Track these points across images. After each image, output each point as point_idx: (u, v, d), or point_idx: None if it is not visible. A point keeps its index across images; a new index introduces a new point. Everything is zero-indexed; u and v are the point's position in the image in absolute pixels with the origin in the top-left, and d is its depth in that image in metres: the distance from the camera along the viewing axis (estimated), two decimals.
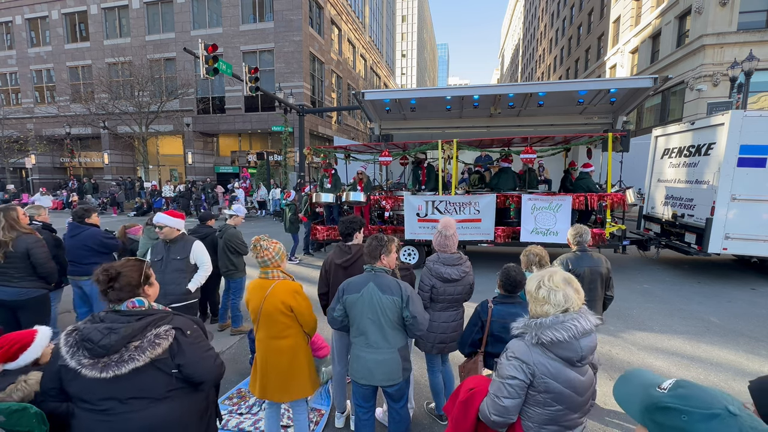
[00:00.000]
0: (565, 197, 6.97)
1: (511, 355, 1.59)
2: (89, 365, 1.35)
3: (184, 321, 1.58)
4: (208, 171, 25.77)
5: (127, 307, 1.51)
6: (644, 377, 1.03)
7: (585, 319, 1.54)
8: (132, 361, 1.37)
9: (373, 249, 2.37)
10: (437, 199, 7.28)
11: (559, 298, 1.55)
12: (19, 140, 24.59)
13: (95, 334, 1.37)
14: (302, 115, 15.66)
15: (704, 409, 0.83)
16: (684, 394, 0.88)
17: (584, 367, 1.58)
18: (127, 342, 1.39)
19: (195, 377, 1.52)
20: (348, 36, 30.51)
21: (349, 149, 9.85)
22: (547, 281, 1.59)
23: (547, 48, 44.79)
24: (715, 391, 0.87)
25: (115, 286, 1.51)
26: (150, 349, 1.40)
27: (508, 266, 2.41)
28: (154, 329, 1.45)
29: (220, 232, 4.82)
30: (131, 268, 1.57)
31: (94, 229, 3.98)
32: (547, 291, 1.57)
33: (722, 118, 6.63)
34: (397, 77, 76.07)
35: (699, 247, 6.93)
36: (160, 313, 1.54)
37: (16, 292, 3.32)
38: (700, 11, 16.03)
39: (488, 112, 9.88)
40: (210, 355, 1.60)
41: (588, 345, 1.55)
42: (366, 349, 2.28)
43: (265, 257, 2.39)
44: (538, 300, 1.59)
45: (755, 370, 3.89)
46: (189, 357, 1.50)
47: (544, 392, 1.54)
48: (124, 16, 24.92)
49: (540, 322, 1.54)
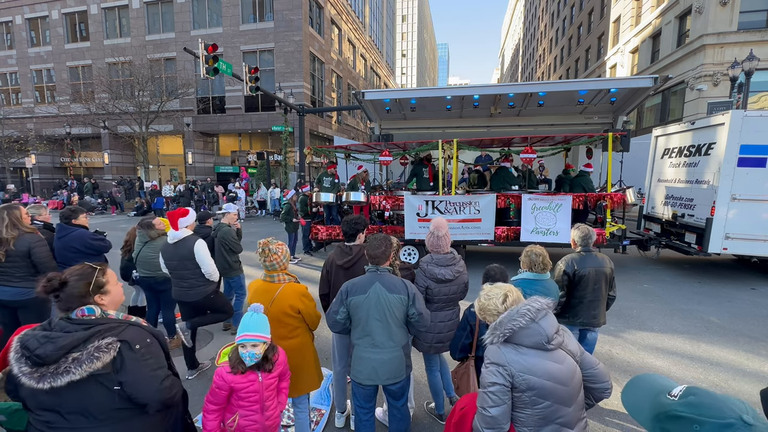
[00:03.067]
0: (565, 197, 6.97)
1: (488, 362, 1.60)
2: (28, 374, 1.29)
3: (135, 334, 1.45)
4: (209, 171, 25.77)
5: (77, 316, 1.43)
6: (654, 383, 0.98)
7: (535, 302, 1.61)
8: (67, 374, 1.29)
9: (383, 251, 2.37)
10: (437, 199, 7.28)
11: (494, 292, 1.75)
12: (19, 140, 24.60)
13: (32, 342, 1.30)
14: (302, 114, 15.66)
15: (718, 418, 0.79)
16: (696, 403, 0.84)
17: (559, 354, 1.57)
18: (66, 353, 1.31)
19: (137, 398, 1.41)
20: (348, 36, 30.50)
21: (349, 149, 9.85)
22: (482, 294, 1.83)
23: (547, 48, 44.77)
24: (728, 399, 0.83)
25: (61, 296, 1.43)
26: (87, 362, 1.31)
27: (489, 267, 2.44)
28: (97, 341, 1.34)
29: (214, 231, 4.81)
30: (78, 278, 1.48)
31: (81, 231, 3.89)
32: (485, 296, 1.79)
33: (722, 117, 6.63)
34: (397, 77, 76.06)
35: (699, 247, 6.92)
36: (111, 322, 1.44)
37: (16, 292, 3.30)
38: (701, 11, 16.02)
39: (488, 112, 9.87)
40: (157, 375, 1.46)
41: (549, 324, 1.58)
42: (371, 350, 2.29)
43: (273, 261, 2.37)
44: (484, 308, 1.77)
45: (755, 369, 3.88)
46: (132, 375, 1.39)
47: (527, 390, 1.52)
48: (124, 15, 24.91)
49: (499, 321, 1.62)
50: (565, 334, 1.67)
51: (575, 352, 1.65)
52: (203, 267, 3.51)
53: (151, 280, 4.09)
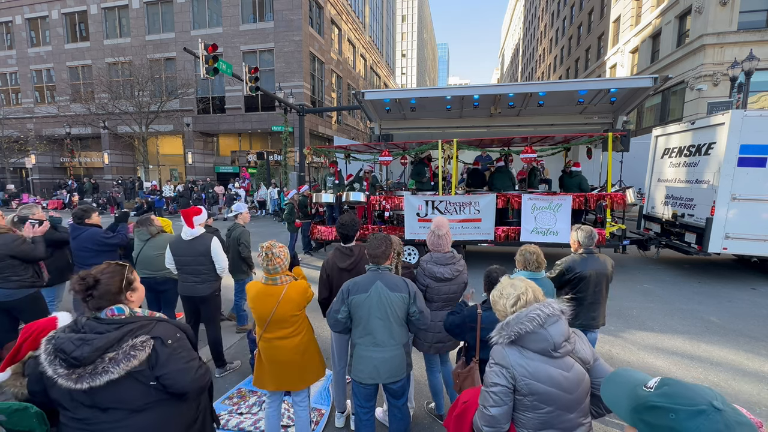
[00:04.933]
0: (565, 197, 6.97)
1: (492, 362, 1.58)
2: (64, 375, 1.30)
3: (166, 329, 1.49)
4: (209, 171, 25.77)
5: (107, 316, 1.44)
6: (630, 377, 1.02)
7: (546, 304, 1.56)
8: (106, 374, 1.32)
9: (383, 250, 2.38)
10: (437, 199, 7.28)
11: (508, 290, 1.68)
12: (19, 140, 24.61)
13: (68, 345, 1.32)
14: (302, 114, 15.65)
15: (690, 406, 0.84)
16: (670, 392, 0.89)
17: (566, 361, 1.52)
18: (102, 353, 1.33)
19: (175, 388, 1.46)
20: (348, 36, 30.50)
21: (349, 149, 9.86)
22: (498, 286, 1.77)
23: (547, 48, 44.77)
24: (699, 387, 0.88)
25: (94, 294, 1.43)
26: (125, 361, 1.34)
27: (490, 269, 2.42)
28: (131, 340, 1.37)
29: (229, 231, 4.79)
30: (111, 275, 1.49)
31: (93, 230, 3.97)
32: (498, 291, 1.73)
33: (722, 117, 6.63)
34: (397, 77, 76.04)
35: (699, 247, 6.93)
36: (141, 320, 1.46)
37: (3, 294, 3.30)
38: (701, 11, 16.02)
39: (488, 112, 9.87)
40: (191, 366, 1.52)
41: (558, 331, 1.51)
42: (373, 349, 2.30)
43: (276, 264, 2.37)
44: (495, 302, 1.72)
45: (755, 369, 3.89)
46: (168, 368, 1.44)
47: (529, 395, 1.49)
48: (124, 15, 24.91)
49: (506, 321, 1.58)
50: (579, 341, 1.61)
51: (587, 360, 1.59)
52: (218, 263, 3.63)
53: (151, 280, 4.09)
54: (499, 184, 7.88)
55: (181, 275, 3.62)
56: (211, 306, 3.72)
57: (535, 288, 1.68)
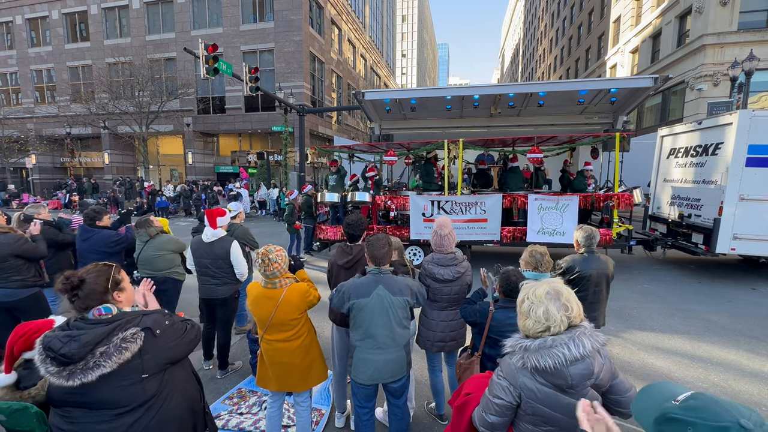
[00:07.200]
0: (572, 197, 6.93)
1: (500, 374, 1.52)
2: (56, 373, 1.30)
3: (154, 320, 1.50)
4: (209, 171, 25.77)
5: (94, 316, 1.43)
6: (665, 390, 0.97)
7: (577, 343, 1.37)
8: (98, 368, 1.30)
9: (385, 252, 2.35)
10: (443, 199, 7.26)
11: (539, 314, 1.43)
12: (19, 140, 24.63)
13: (55, 343, 1.31)
14: (302, 115, 15.65)
15: (713, 421, 0.79)
16: (695, 406, 0.84)
17: (582, 392, 1.41)
18: (92, 348, 1.32)
19: (172, 360, 1.53)
20: (348, 36, 30.51)
21: (353, 149, 9.84)
22: (531, 294, 1.49)
23: (547, 48, 44.77)
24: (732, 405, 0.82)
25: (80, 294, 1.43)
26: (117, 354, 1.33)
27: (508, 271, 2.35)
28: (121, 333, 1.37)
29: (230, 231, 4.78)
30: (96, 275, 1.48)
31: (105, 232, 3.94)
32: (530, 305, 1.48)
33: (730, 117, 6.59)
34: (398, 77, 76.06)
35: (706, 248, 6.88)
36: (128, 315, 1.46)
37: (5, 293, 3.31)
38: (701, 11, 16.02)
39: (488, 112, 9.86)
40: (182, 343, 1.56)
41: (579, 373, 1.37)
42: (375, 351, 2.30)
43: (274, 269, 2.34)
44: (522, 313, 1.52)
45: (755, 369, 3.88)
46: (162, 354, 1.47)
47: (532, 414, 1.45)
48: (124, 16, 24.93)
49: (526, 345, 1.43)
50: (600, 369, 1.45)
51: (603, 385, 1.47)
52: (237, 267, 3.61)
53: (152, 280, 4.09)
54: (512, 184, 7.88)
55: (201, 277, 3.61)
56: (228, 308, 3.72)
57: (571, 315, 1.44)
